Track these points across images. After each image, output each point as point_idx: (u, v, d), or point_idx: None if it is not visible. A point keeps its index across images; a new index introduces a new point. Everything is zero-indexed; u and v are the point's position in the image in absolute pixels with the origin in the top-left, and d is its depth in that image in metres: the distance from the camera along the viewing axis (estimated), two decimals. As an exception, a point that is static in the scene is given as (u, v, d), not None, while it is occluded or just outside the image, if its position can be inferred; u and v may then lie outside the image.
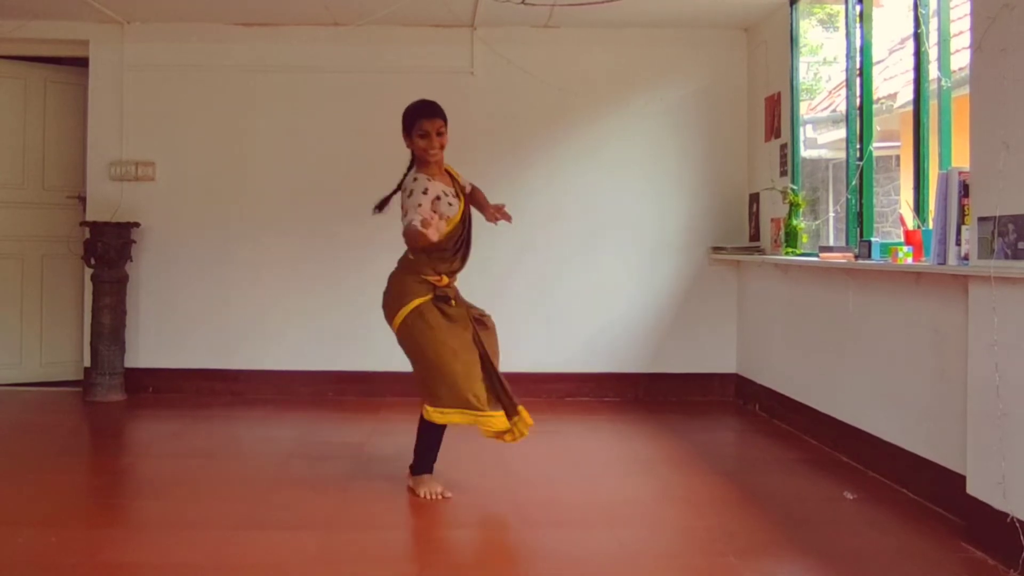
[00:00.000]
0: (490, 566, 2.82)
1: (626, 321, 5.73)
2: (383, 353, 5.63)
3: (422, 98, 3.57)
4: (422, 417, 3.47)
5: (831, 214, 6.04)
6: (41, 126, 5.89)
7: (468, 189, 3.70)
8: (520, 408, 3.56)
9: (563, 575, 2.73)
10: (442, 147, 3.50)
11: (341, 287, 5.64)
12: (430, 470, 3.56)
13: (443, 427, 3.51)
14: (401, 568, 2.77)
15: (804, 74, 7.64)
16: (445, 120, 3.53)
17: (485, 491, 3.59)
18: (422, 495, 3.46)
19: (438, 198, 3.43)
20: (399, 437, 4.10)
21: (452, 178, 3.62)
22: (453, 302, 3.52)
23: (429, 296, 3.48)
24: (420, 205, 3.33)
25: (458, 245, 3.54)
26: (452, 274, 3.57)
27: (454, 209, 3.47)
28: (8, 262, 5.81)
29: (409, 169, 3.59)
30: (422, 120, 3.48)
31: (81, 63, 5.76)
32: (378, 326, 5.64)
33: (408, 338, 3.50)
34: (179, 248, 5.67)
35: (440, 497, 3.45)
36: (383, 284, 3.68)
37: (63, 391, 5.69)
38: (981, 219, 2.88)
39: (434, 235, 3.15)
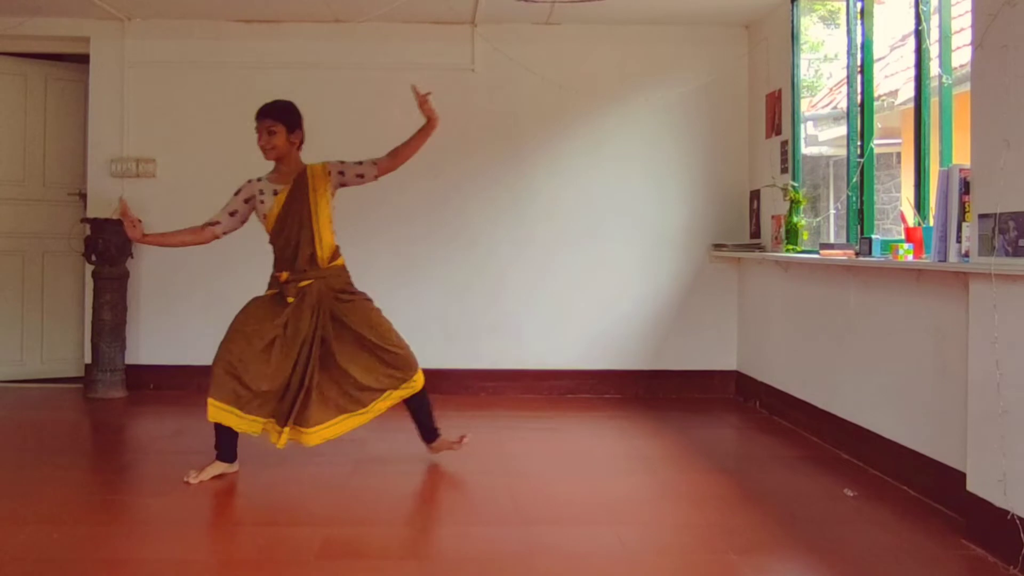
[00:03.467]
0: (489, 563, 2.82)
1: (627, 318, 5.73)
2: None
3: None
4: None
5: (832, 211, 6.05)
6: (42, 123, 5.89)
7: (334, 174, 3.74)
8: (294, 429, 3.60)
9: (563, 572, 2.73)
10: (273, 148, 3.66)
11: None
12: (225, 458, 3.67)
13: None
14: (399, 565, 2.77)
15: (805, 71, 7.64)
16: (278, 119, 3.66)
17: (484, 488, 3.59)
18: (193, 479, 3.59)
19: (249, 200, 3.71)
20: (398, 434, 4.11)
21: (301, 176, 3.68)
22: (291, 299, 3.60)
23: (275, 291, 3.66)
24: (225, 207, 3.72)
25: (286, 243, 3.64)
26: (295, 271, 3.63)
27: (265, 207, 3.67)
28: (9, 258, 5.81)
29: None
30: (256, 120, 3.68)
31: (82, 60, 5.76)
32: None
33: None
34: (180, 245, 5.67)
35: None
36: (383, 280, 3.74)
37: (64, 388, 5.70)
38: (982, 216, 2.88)
39: (130, 230, 3.52)
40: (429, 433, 3.90)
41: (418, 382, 3.78)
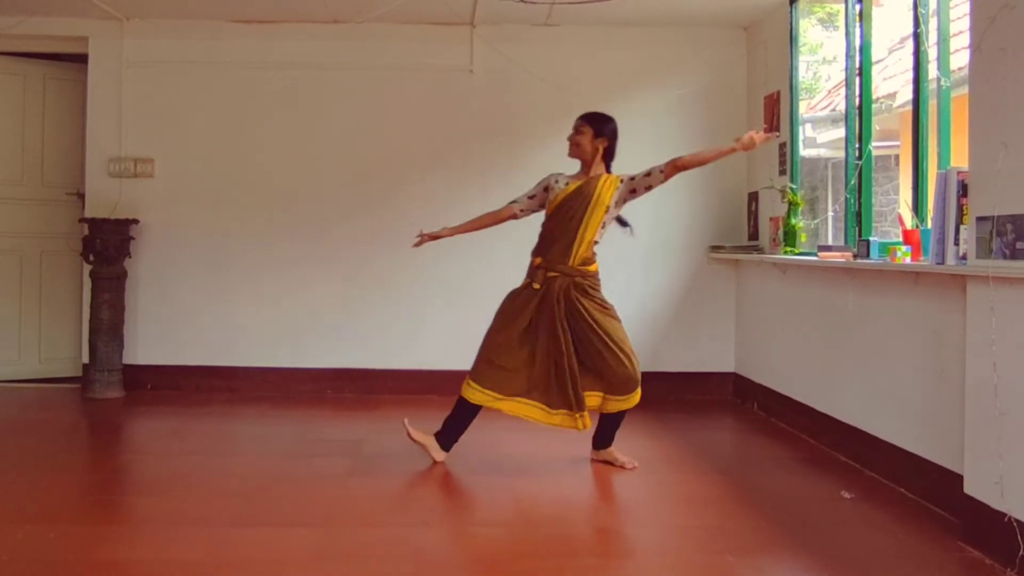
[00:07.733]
0: (487, 563, 2.82)
1: (624, 319, 5.66)
2: (381, 351, 5.65)
3: None
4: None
5: (830, 213, 6.05)
6: (40, 122, 5.89)
7: (626, 181, 3.98)
8: (583, 414, 3.81)
9: (561, 572, 2.73)
10: (576, 144, 3.97)
11: (340, 284, 5.64)
12: (443, 446, 3.89)
13: (473, 407, 3.85)
14: (397, 565, 2.77)
15: (803, 73, 7.64)
16: (588, 122, 3.98)
17: (484, 488, 3.59)
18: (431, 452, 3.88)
19: (547, 188, 4.02)
20: (397, 435, 4.10)
21: (593, 180, 3.91)
22: (536, 285, 3.86)
23: (528, 280, 3.94)
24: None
25: (551, 233, 3.94)
26: (549, 259, 3.90)
27: (553, 193, 3.97)
28: (7, 258, 5.80)
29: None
30: None
31: (80, 59, 5.75)
32: (376, 324, 5.68)
33: None
34: (178, 245, 5.67)
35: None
36: (382, 281, 3.75)
37: (61, 388, 5.69)
38: (979, 219, 2.88)
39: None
40: (607, 440, 4.03)
41: (634, 399, 3.89)
